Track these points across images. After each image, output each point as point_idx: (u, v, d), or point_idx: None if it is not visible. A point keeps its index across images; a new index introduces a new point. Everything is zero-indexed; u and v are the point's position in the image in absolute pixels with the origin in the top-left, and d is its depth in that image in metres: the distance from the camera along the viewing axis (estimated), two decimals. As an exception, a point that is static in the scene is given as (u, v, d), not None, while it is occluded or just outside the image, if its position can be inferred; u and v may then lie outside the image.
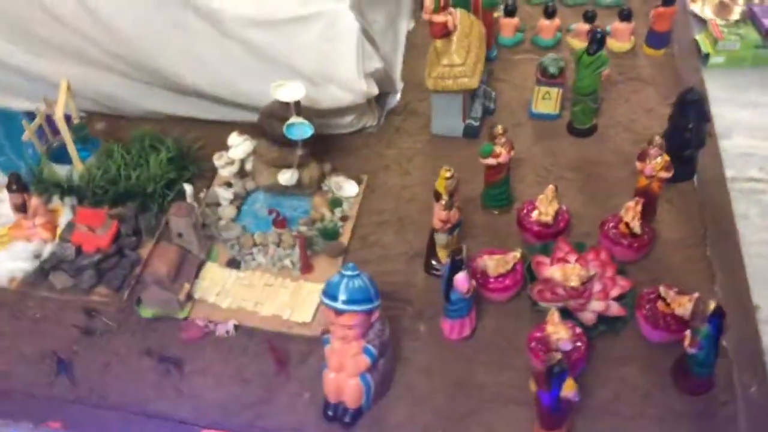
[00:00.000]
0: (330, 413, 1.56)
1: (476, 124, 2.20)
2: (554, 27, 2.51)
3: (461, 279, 1.55)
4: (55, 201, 1.96)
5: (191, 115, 2.27)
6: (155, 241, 1.93)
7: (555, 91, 2.20)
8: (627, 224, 1.79)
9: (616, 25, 2.45)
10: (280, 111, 1.89)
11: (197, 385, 1.64)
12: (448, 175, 1.64)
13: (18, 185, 1.81)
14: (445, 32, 2.11)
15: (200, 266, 1.84)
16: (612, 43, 2.46)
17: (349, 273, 1.42)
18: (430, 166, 2.14)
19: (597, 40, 2.01)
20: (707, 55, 2.44)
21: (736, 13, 2.57)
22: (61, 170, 2.02)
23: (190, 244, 1.82)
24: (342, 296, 1.40)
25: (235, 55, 2.01)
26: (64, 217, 1.94)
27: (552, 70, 2.17)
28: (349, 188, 2.04)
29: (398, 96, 2.36)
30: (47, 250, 1.87)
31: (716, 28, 2.45)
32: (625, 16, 2.43)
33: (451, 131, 2.21)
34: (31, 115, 2.28)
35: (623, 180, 2.06)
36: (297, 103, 1.87)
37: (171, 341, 1.72)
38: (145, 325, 1.76)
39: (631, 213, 1.78)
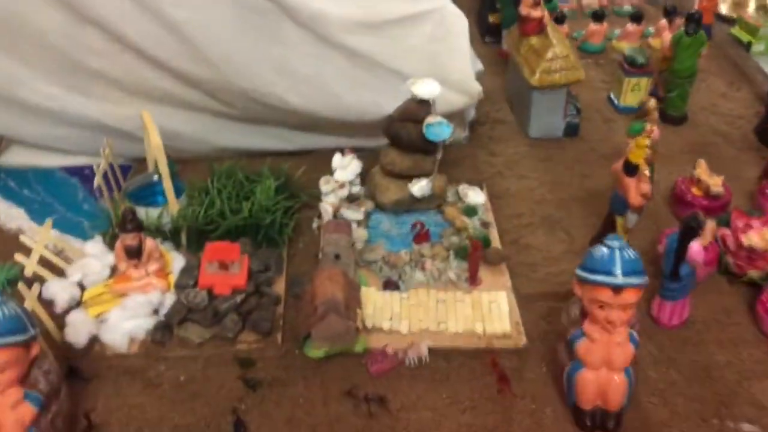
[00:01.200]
0: (588, 422, 1.33)
1: (576, 120, 2.11)
2: (603, 31, 2.51)
3: (697, 248, 1.41)
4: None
5: (268, 147, 2.02)
6: (285, 276, 1.65)
7: (645, 81, 2.17)
8: (790, 185, 1.74)
9: (662, 24, 2.49)
10: (414, 112, 1.70)
11: (415, 422, 1.36)
12: (648, 142, 1.52)
13: (134, 223, 1.48)
14: (541, 28, 2.04)
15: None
16: (656, 41, 2.49)
17: (617, 244, 1.24)
18: (543, 168, 2.02)
19: (695, 20, 2.01)
20: (749, 44, 2.52)
21: (751, 7, 2.70)
22: (152, 213, 1.71)
23: (348, 267, 1.56)
24: (618, 269, 1.21)
25: (338, 65, 1.82)
26: (177, 261, 1.62)
27: (640, 59, 2.14)
28: (475, 195, 1.86)
29: (474, 108, 2.24)
30: (167, 301, 1.54)
31: (750, 19, 2.55)
32: (671, 13, 2.47)
33: (551, 131, 2.11)
34: (73, 172, 1.98)
35: (738, 155, 2.05)
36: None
37: (357, 379, 1.44)
38: (315, 367, 1.46)
39: (791, 174, 1.74)
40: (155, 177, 1.74)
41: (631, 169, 1.53)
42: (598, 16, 2.49)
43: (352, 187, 1.88)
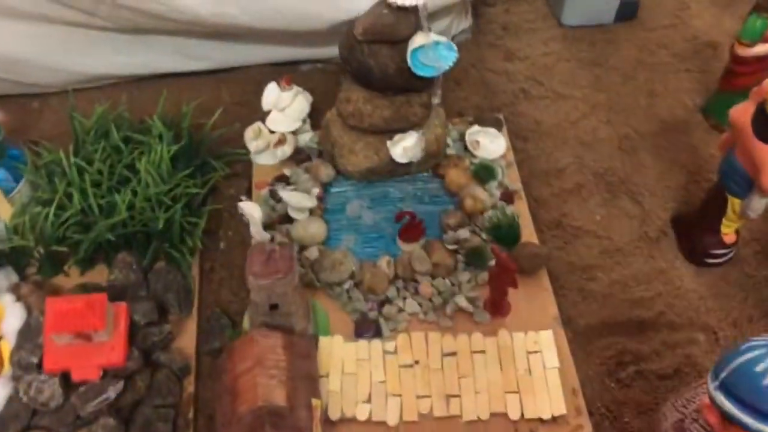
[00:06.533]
0: None
1: (635, -3, 1.39)
2: None
3: None
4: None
5: (161, 69, 1.30)
6: (197, 314, 1.03)
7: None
8: None
9: None
10: (390, 29, 0.98)
11: None
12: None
13: None
14: None
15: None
16: None
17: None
18: (588, 79, 1.33)
19: None
20: None
21: None
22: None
23: (292, 317, 0.93)
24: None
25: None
26: (9, 321, 0.97)
27: None
28: (490, 143, 1.19)
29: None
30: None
31: None
32: None
33: (597, 14, 1.39)
34: None
35: None
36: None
37: None
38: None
39: None
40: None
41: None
42: None
43: (300, 137, 1.20)
